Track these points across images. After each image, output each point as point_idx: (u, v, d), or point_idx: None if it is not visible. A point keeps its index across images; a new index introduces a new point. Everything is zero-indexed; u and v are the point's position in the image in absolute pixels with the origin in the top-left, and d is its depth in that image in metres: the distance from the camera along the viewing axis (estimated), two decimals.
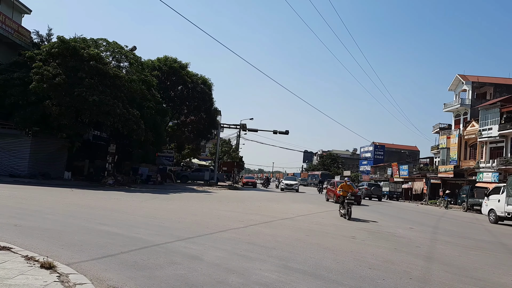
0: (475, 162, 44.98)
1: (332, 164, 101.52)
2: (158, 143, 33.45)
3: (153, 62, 39.23)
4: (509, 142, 41.01)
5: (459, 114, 52.31)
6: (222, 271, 5.88)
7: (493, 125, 42.24)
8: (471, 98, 50.75)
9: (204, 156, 66.39)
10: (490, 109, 43.12)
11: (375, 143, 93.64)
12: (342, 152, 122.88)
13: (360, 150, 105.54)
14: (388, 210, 25.75)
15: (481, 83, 51.69)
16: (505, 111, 41.35)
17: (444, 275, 6.91)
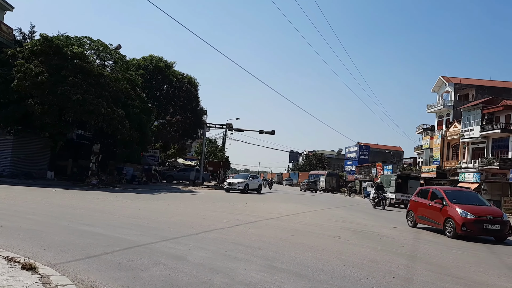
0: (457, 162, 45.75)
1: (317, 164, 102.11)
2: (143, 143, 33.20)
3: (138, 61, 38.94)
4: (490, 143, 41.83)
5: (442, 115, 53.13)
6: (207, 272, 5.87)
7: (474, 126, 43.02)
8: (453, 100, 51.60)
9: (190, 156, 66.14)
10: (472, 110, 43.91)
11: (360, 143, 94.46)
12: (327, 152, 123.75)
13: (345, 150, 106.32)
14: (372, 210, 25.99)
15: (464, 85, 52.61)
16: (487, 113, 42.17)
17: (427, 273, 7.02)
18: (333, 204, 28.49)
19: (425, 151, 53.31)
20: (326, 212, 20.32)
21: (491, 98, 45.00)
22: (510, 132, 39.27)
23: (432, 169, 49.17)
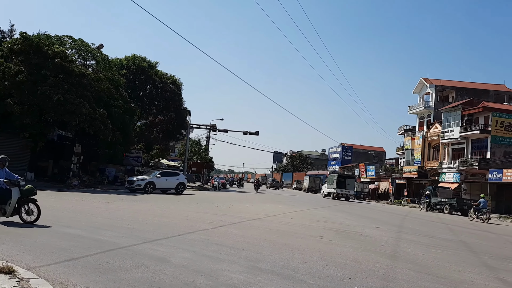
0: (438, 162, 46.53)
1: (301, 165, 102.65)
2: (125, 143, 32.84)
3: (121, 60, 38.47)
4: (470, 143, 42.67)
5: (423, 116, 53.96)
6: (190, 273, 5.83)
7: (454, 127, 43.81)
8: (434, 101, 52.47)
9: (173, 156, 65.64)
10: (452, 111, 44.73)
11: (343, 144, 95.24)
12: (311, 152, 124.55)
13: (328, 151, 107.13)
14: (355, 210, 26.25)
15: (444, 87, 53.56)
16: (466, 114, 43.00)
17: (408, 273, 7.12)
18: (317, 204, 28.67)
19: (407, 152, 54.08)
20: (310, 212, 20.44)
21: (471, 99, 45.92)
22: (488, 133, 40.13)
23: (413, 169, 49.90)
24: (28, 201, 9.50)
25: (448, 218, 25.80)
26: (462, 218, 26.71)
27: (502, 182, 35.83)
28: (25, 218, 9.40)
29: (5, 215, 9.20)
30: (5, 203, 9.24)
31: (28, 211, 9.42)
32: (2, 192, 9.31)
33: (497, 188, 37.62)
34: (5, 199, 9.24)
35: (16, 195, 9.27)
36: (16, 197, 9.26)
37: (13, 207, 9.24)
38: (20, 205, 9.35)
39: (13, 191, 9.28)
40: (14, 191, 9.28)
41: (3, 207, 9.19)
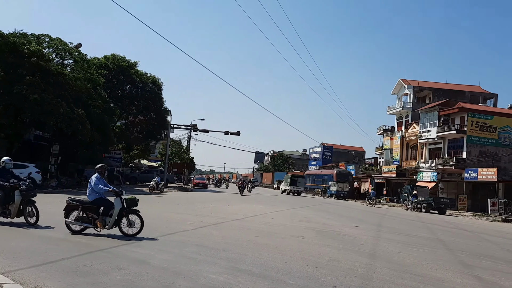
0: (416, 162, 47.38)
1: (282, 165, 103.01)
2: (105, 144, 32.37)
3: (100, 60, 37.89)
4: (446, 143, 43.59)
5: (401, 117, 54.85)
6: (170, 275, 5.80)
7: (432, 127, 44.68)
8: (412, 102, 53.40)
9: (153, 157, 65.05)
10: (429, 112, 45.60)
11: (324, 144, 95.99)
12: (292, 152, 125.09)
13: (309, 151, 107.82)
14: (336, 209, 26.51)
15: (421, 87, 54.56)
16: (443, 114, 43.91)
17: (386, 271, 7.23)
18: (297, 204, 28.82)
19: (386, 152, 54.90)
20: (291, 212, 20.53)
21: (447, 100, 46.92)
22: (464, 133, 41.08)
23: (392, 169, 50.66)
24: (130, 212, 9.02)
25: (426, 216, 26.30)
26: (439, 217, 27.28)
27: (477, 181, 36.72)
28: (126, 231, 8.92)
29: (106, 227, 8.80)
30: (107, 214, 8.84)
31: (131, 223, 8.92)
32: (104, 203, 8.95)
33: (472, 187, 38.52)
34: (108, 210, 8.85)
35: (118, 205, 8.85)
36: (119, 208, 8.83)
37: (114, 219, 8.81)
38: (122, 216, 8.89)
39: (115, 201, 8.89)
40: (117, 201, 8.88)
41: (105, 219, 8.78)
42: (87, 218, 8.78)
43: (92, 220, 8.74)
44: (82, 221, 8.78)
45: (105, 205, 8.86)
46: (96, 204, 8.87)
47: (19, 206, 9.30)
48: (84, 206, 8.84)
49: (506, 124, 42.23)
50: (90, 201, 8.91)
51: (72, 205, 8.94)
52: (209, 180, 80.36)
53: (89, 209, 8.82)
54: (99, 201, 8.92)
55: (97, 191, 8.90)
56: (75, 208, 8.90)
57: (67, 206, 9.00)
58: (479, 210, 34.90)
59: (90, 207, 8.83)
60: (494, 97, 54.92)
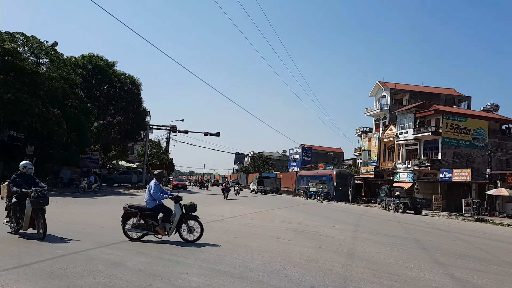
0: (393, 163, 48.19)
1: (262, 166, 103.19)
2: (82, 144, 31.78)
3: (76, 59, 37.20)
4: (422, 144, 44.49)
5: (379, 118, 55.73)
6: (147, 277, 5.74)
7: (408, 129, 45.53)
8: (389, 104, 54.33)
9: (132, 158, 64.23)
10: (406, 114, 46.46)
11: (303, 145, 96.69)
12: (272, 153, 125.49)
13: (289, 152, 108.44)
14: (315, 210, 26.70)
15: (398, 90, 55.56)
16: (419, 116, 44.82)
17: (363, 271, 7.33)
18: (277, 205, 28.91)
19: (364, 153, 55.66)
20: (270, 213, 20.58)
21: (423, 102, 47.92)
22: (439, 135, 42.00)
23: (370, 169, 51.40)
24: (190, 218, 8.96)
25: (402, 216, 26.76)
26: (415, 217, 27.78)
27: (452, 181, 37.60)
28: (186, 237, 8.91)
29: (167, 233, 8.71)
30: (167, 221, 8.73)
31: (191, 229, 8.92)
32: (164, 209, 8.83)
33: (447, 187, 39.43)
34: (168, 216, 8.76)
35: (178, 212, 8.78)
36: (179, 214, 8.77)
37: (175, 225, 8.73)
38: (181, 222, 8.82)
39: (175, 207, 8.82)
40: (176, 207, 8.81)
41: (165, 225, 8.67)
42: (146, 225, 8.72)
43: (152, 227, 8.70)
44: (142, 228, 8.72)
45: (165, 211, 8.84)
46: (155, 210, 8.83)
47: (30, 215, 8.25)
48: (143, 213, 8.76)
49: (479, 126, 43.37)
50: (149, 208, 8.85)
51: (130, 212, 8.83)
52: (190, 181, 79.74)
53: (148, 216, 8.76)
54: (159, 207, 8.87)
55: (157, 198, 8.85)
56: (133, 215, 8.81)
57: (124, 213, 8.86)
58: (453, 210, 35.73)
59: (149, 214, 8.78)
60: (468, 100, 56.38)
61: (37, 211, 8.26)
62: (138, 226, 8.71)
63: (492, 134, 43.99)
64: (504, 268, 8.90)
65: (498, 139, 44.37)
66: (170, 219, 8.76)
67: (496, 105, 50.69)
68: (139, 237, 8.83)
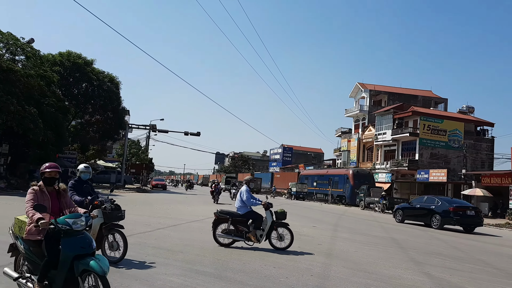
0: (372, 163, 48.85)
1: (243, 166, 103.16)
2: (59, 144, 31.10)
3: (54, 56, 36.39)
4: (400, 145, 45.24)
5: (358, 119, 56.43)
6: (125, 278, 5.67)
7: (387, 130, 46.26)
8: (368, 105, 55.08)
9: (110, 157, 63.29)
10: (385, 115, 47.19)
11: (284, 145, 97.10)
12: (253, 153, 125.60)
13: (270, 152, 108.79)
14: (295, 209, 26.81)
15: (377, 91, 56.37)
16: (397, 118, 45.57)
17: (342, 270, 7.41)
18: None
19: (343, 153, 56.28)
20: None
21: (401, 104, 48.77)
22: (417, 136, 42.80)
23: None
24: (280, 226, 8.89)
25: (381, 216, 27.14)
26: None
27: (428, 181, 38.36)
28: (276, 244, 8.92)
29: (258, 241, 8.64)
30: (259, 228, 8.67)
31: (281, 236, 8.93)
32: (256, 216, 8.76)
33: (424, 187, 40.20)
34: (260, 223, 8.69)
35: (270, 219, 8.72)
36: (270, 221, 8.71)
37: (266, 232, 8.67)
38: (271, 229, 8.76)
39: (267, 214, 8.75)
40: (268, 214, 8.75)
41: (256, 232, 8.63)
42: (236, 231, 8.71)
43: (244, 234, 8.68)
44: (233, 235, 8.71)
45: (257, 218, 8.81)
46: (247, 217, 8.81)
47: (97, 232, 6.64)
48: (234, 219, 8.74)
49: (455, 128, 44.42)
50: (241, 214, 8.83)
51: (221, 218, 8.82)
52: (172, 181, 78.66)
53: (239, 222, 8.76)
54: (251, 214, 8.86)
55: (249, 204, 8.84)
56: (224, 221, 8.79)
57: (216, 219, 8.84)
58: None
59: (240, 220, 8.76)
60: (444, 102, 57.61)
61: (111, 228, 6.96)
62: (229, 232, 8.77)
63: (467, 136, 45.11)
64: (478, 266, 9.12)
65: (473, 141, 45.53)
66: (262, 226, 8.80)
67: (472, 107, 51.93)
68: (230, 243, 8.88)
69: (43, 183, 4.74)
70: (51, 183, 4.76)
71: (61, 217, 4.11)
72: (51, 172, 4.73)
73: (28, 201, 4.44)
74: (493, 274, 8.30)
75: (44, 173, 4.74)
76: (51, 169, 4.71)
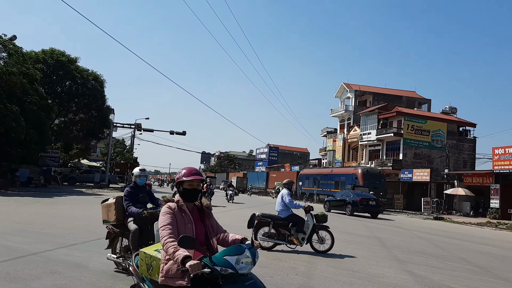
0: (357, 163, 49.25)
1: (229, 165, 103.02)
2: (41, 142, 30.63)
3: (37, 54, 35.80)
4: (385, 145, 45.73)
5: (343, 119, 56.83)
6: (108, 278, 5.61)
7: (371, 130, 46.70)
8: (354, 105, 55.52)
9: (95, 156, 62.56)
10: (369, 115, 47.64)
11: (270, 145, 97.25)
12: (239, 153, 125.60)
13: (256, 152, 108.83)
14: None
15: (362, 92, 56.87)
16: (382, 118, 46.04)
17: (326, 269, 7.45)
18: (244, 205, 28.93)
19: (329, 153, 56.62)
20: (236, 213, 20.57)
21: (386, 104, 49.29)
22: (401, 136, 43.31)
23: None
24: (321, 229, 8.95)
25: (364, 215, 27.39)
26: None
27: (412, 181, 38.84)
28: (316, 247, 8.98)
29: (301, 244, 8.69)
30: (301, 231, 8.68)
31: (322, 239, 8.99)
32: (298, 219, 8.76)
33: (408, 187, 40.69)
34: (302, 226, 8.69)
35: (311, 222, 8.74)
36: (312, 224, 8.73)
37: (308, 235, 8.70)
38: (313, 232, 8.78)
39: (308, 217, 8.77)
40: (309, 217, 8.77)
41: (298, 235, 8.65)
42: (278, 235, 8.73)
43: (286, 237, 8.70)
44: (276, 238, 8.73)
45: (299, 221, 8.81)
46: (288, 220, 8.81)
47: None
48: (276, 223, 8.76)
49: (438, 128, 45.07)
50: (282, 218, 8.84)
51: (263, 221, 8.83)
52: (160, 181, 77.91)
53: (281, 226, 8.77)
54: (293, 217, 8.86)
55: (293, 207, 8.89)
56: (265, 224, 8.82)
57: (257, 222, 8.77)
58: (414, 209, 36.89)
59: (282, 224, 8.78)
60: (428, 102, 58.43)
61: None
62: (270, 235, 8.78)
63: (450, 136, 45.82)
64: (460, 265, 9.28)
65: (455, 141, 46.27)
66: (304, 229, 8.85)
67: (454, 108, 52.77)
68: (271, 246, 8.91)
69: (182, 197, 3.29)
70: (193, 197, 3.33)
71: (217, 254, 2.85)
72: (193, 182, 3.26)
73: (165, 227, 3.03)
74: (474, 272, 8.45)
75: (183, 183, 3.27)
76: (193, 177, 3.24)
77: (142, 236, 5.41)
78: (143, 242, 5.26)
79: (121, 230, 5.84)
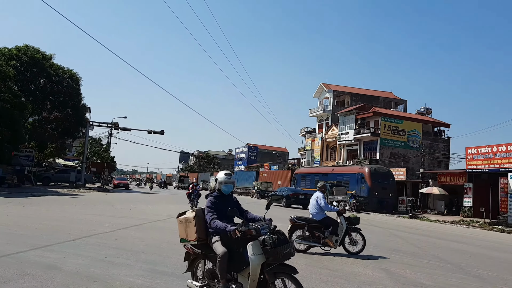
0: (335, 162, 49.79)
1: (208, 165, 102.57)
2: (15, 141, 29.82)
3: (10, 50, 34.80)
4: (362, 145, 46.37)
5: (322, 119, 57.34)
6: (83, 280, 5.52)
7: (349, 129, 47.28)
8: (332, 105, 56.07)
9: (70, 156, 61.32)
10: (347, 115, 48.20)
11: (249, 144, 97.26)
12: (218, 152, 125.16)
13: (235, 151, 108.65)
14: (260, 209, 26.92)
15: (341, 92, 57.49)
16: (359, 118, 46.67)
17: (304, 267, 7.49)
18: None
19: (307, 152, 57.04)
20: None
21: (363, 105, 49.99)
22: (378, 136, 43.99)
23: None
24: (353, 231, 9.24)
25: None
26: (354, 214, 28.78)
27: None
28: (349, 249, 9.18)
29: (335, 246, 8.76)
30: (335, 233, 8.79)
31: (354, 241, 9.19)
32: (332, 222, 8.88)
33: None
34: (336, 228, 8.83)
35: (344, 224, 8.84)
36: (345, 226, 8.83)
37: (341, 237, 8.78)
38: (345, 234, 8.87)
39: (341, 220, 8.87)
40: (342, 220, 8.87)
41: (332, 238, 8.74)
42: (312, 237, 8.86)
43: (321, 239, 8.84)
44: (311, 241, 8.87)
45: (334, 224, 8.94)
46: (323, 223, 8.96)
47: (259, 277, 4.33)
48: (311, 225, 8.90)
49: (414, 128, 45.95)
50: (317, 220, 8.98)
51: (297, 224, 9.01)
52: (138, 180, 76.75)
53: (315, 228, 8.93)
54: (327, 220, 9.00)
55: (328, 210, 9.02)
56: (300, 227, 8.98)
57: (292, 225, 9.03)
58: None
59: (316, 226, 8.93)
60: (404, 103, 59.51)
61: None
62: (305, 238, 8.92)
63: (425, 136, 46.79)
64: (433, 262, 9.49)
65: (430, 141, 47.28)
66: (337, 232, 8.98)
67: (429, 109, 53.87)
68: (305, 249, 9.02)
69: None
70: None
71: None
72: None
73: None
74: (447, 269, 8.66)
75: None
76: None
77: (232, 260, 4.38)
78: (233, 268, 4.42)
79: (203, 251, 4.81)
